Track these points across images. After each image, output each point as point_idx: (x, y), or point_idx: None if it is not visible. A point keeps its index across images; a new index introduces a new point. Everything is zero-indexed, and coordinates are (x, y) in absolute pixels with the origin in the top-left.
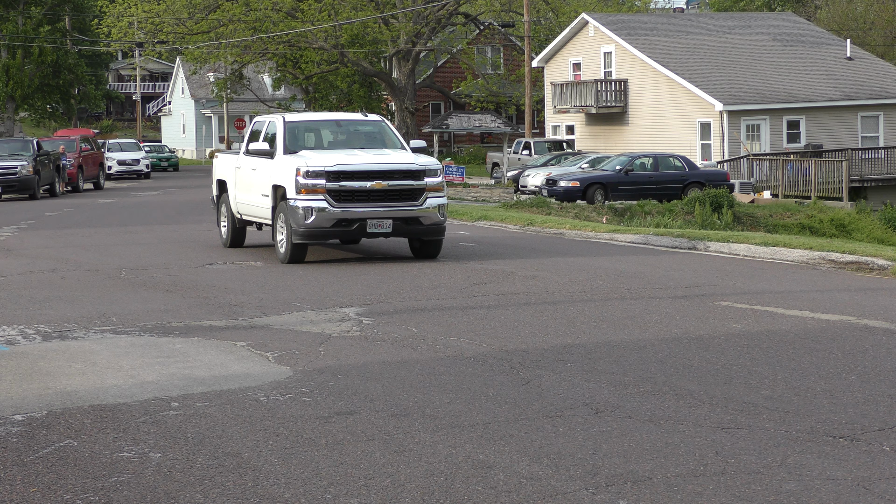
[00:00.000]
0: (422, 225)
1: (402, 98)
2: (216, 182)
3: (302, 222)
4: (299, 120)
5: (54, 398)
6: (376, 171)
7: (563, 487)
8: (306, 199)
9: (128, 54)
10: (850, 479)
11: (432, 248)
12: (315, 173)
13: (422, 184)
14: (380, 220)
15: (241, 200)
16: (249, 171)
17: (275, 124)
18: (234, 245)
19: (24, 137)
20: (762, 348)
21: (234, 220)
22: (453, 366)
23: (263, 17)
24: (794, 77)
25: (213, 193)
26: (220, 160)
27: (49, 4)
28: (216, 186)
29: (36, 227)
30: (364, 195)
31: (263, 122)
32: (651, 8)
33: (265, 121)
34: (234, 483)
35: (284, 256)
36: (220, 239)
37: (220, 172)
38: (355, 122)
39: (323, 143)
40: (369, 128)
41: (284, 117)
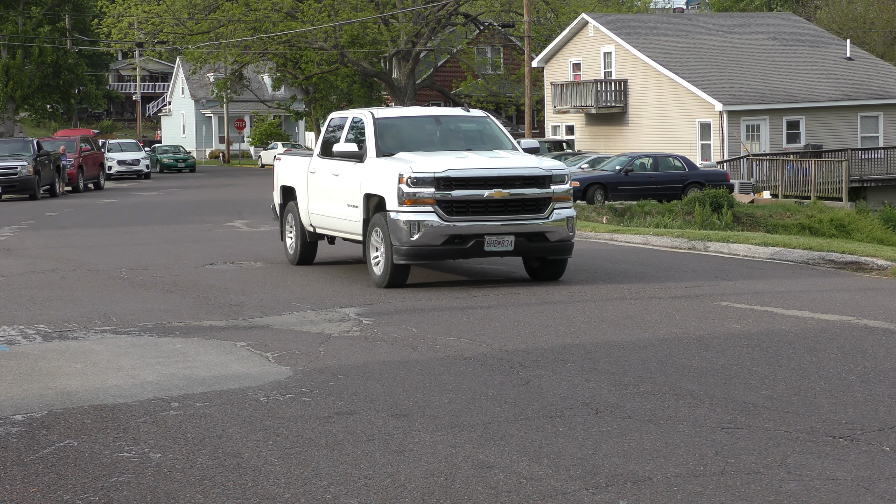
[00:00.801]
0: (548, 241)
1: (402, 98)
2: (280, 189)
3: (406, 239)
4: (392, 116)
5: (54, 398)
6: (495, 178)
7: (563, 487)
8: (411, 211)
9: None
10: (850, 479)
11: (556, 268)
12: (422, 180)
13: (548, 192)
14: (500, 237)
15: (315, 211)
16: (329, 177)
17: (361, 121)
18: (303, 262)
19: (24, 138)
20: (762, 348)
21: (304, 233)
22: (453, 366)
23: (263, 18)
24: (794, 77)
25: (274, 202)
26: (286, 164)
27: (49, 4)
28: (280, 194)
29: (36, 227)
30: (480, 206)
31: (344, 119)
32: (651, 8)
33: (346, 117)
34: (234, 483)
35: (382, 279)
36: (285, 254)
37: (285, 178)
38: (457, 118)
39: (421, 142)
40: (473, 125)
41: (373, 113)
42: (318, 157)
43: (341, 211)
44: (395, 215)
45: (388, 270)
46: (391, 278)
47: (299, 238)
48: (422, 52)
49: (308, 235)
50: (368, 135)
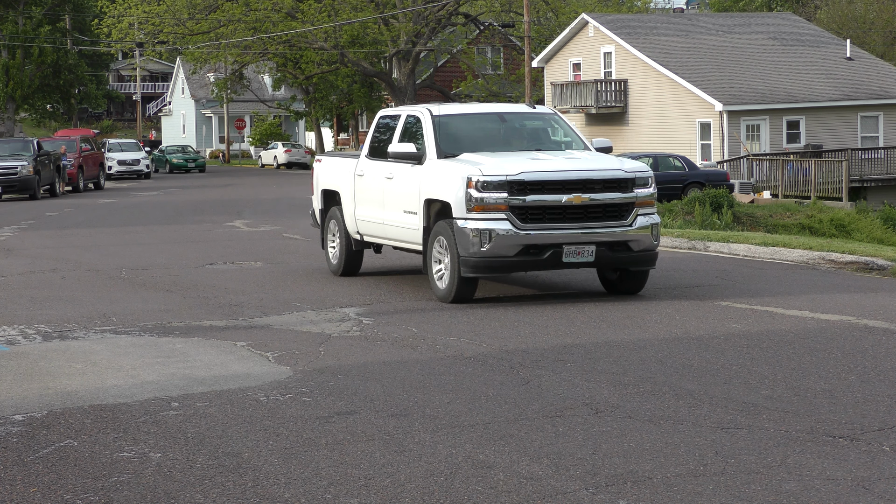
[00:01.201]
0: (631, 252)
1: (403, 98)
2: (320, 193)
3: (475, 249)
4: (452, 113)
5: (54, 398)
6: (574, 181)
7: (563, 487)
8: (481, 218)
9: (128, 54)
10: (850, 479)
11: (637, 281)
12: (493, 184)
13: (631, 196)
14: (579, 247)
15: (364, 217)
16: (380, 181)
17: (417, 120)
18: (347, 273)
19: (24, 137)
20: (762, 348)
21: (349, 241)
22: (453, 366)
23: (263, 18)
24: (794, 77)
25: (313, 207)
26: (328, 165)
27: (49, 4)
28: (320, 198)
29: (36, 227)
30: (558, 213)
31: (396, 118)
32: (651, 8)
33: (398, 115)
34: (234, 483)
35: (446, 293)
36: (327, 265)
37: (327, 181)
38: (522, 115)
39: (484, 142)
40: (539, 122)
41: (431, 110)
42: (367, 158)
43: (396, 217)
44: (462, 223)
45: (455, 284)
46: (458, 293)
47: (344, 247)
48: (422, 52)
49: (354, 244)
50: (427, 134)
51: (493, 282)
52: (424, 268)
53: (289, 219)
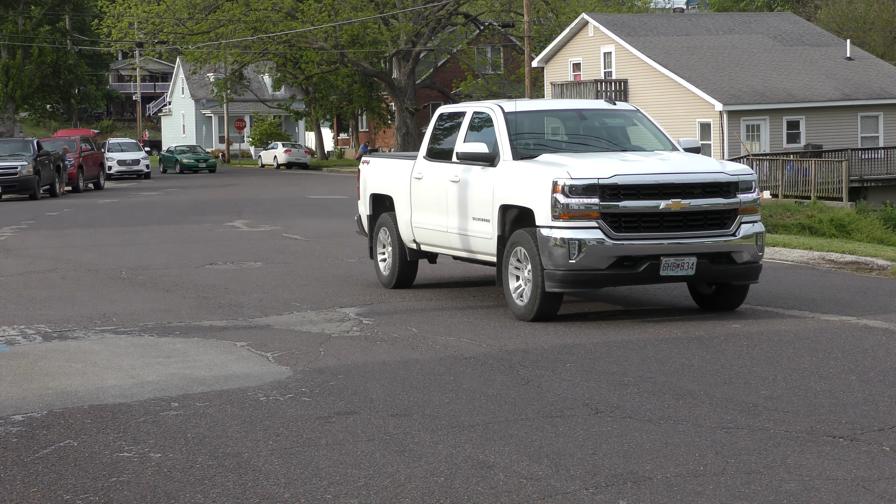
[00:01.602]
0: (734, 264)
1: (402, 98)
2: (369, 198)
3: (562, 262)
4: (526, 110)
5: (54, 398)
6: (673, 185)
7: (563, 487)
8: (568, 226)
9: (128, 54)
10: (850, 479)
11: (736, 296)
12: (584, 188)
13: (734, 202)
14: (679, 258)
15: (422, 224)
16: (443, 184)
17: (487, 117)
18: (400, 285)
19: (24, 137)
20: (762, 348)
21: (404, 250)
22: (453, 366)
23: (263, 18)
24: (794, 77)
25: (360, 213)
26: (377, 167)
27: (49, 4)
28: (369, 204)
29: (36, 227)
30: (655, 220)
31: (459, 115)
32: (651, 8)
33: (462, 112)
34: (234, 483)
35: (527, 310)
36: (377, 275)
37: (377, 184)
38: (602, 112)
39: (564, 142)
40: (620, 121)
41: (502, 106)
42: (425, 159)
43: (463, 225)
44: (546, 232)
45: (537, 299)
46: (540, 309)
47: (397, 256)
48: (422, 52)
49: (409, 253)
50: (499, 133)
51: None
52: (498, 281)
53: (289, 219)
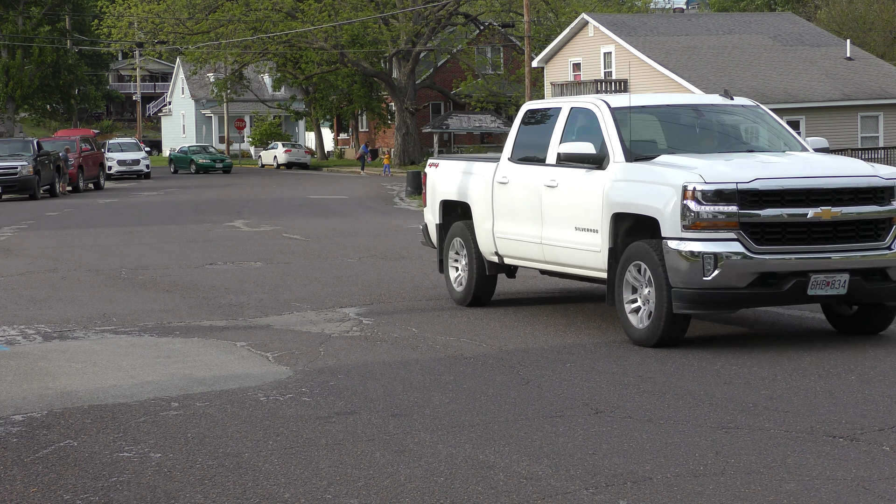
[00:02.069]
0: (889, 282)
1: (402, 98)
2: (439, 205)
3: (694, 279)
4: (636, 105)
5: (54, 398)
6: (823, 190)
7: (563, 487)
8: (701, 238)
9: (128, 54)
10: (850, 479)
11: (885, 317)
12: (720, 194)
13: (890, 210)
14: (830, 275)
15: (507, 234)
16: (536, 189)
17: (590, 113)
18: (477, 302)
19: (24, 137)
20: (762, 348)
21: (483, 263)
22: (453, 366)
23: (263, 18)
24: (794, 77)
25: (426, 221)
26: (448, 170)
27: (49, 4)
28: (438, 211)
29: (36, 227)
30: (801, 231)
31: (553, 111)
32: (651, 8)
33: (556, 108)
34: (234, 483)
35: (647, 333)
36: (448, 291)
37: (449, 189)
38: (720, 108)
39: (681, 141)
40: (739, 117)
41: (608, 102)
42: (511, 161)
43: (562, 236)
44: (675, 244)
45: (662, 322)
46: (665, 332)
47: (474, 270)
48: (422, 52)
49: (488, 267)
50: (607, 131)
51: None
52: (609, 299)
53: (289, 219)
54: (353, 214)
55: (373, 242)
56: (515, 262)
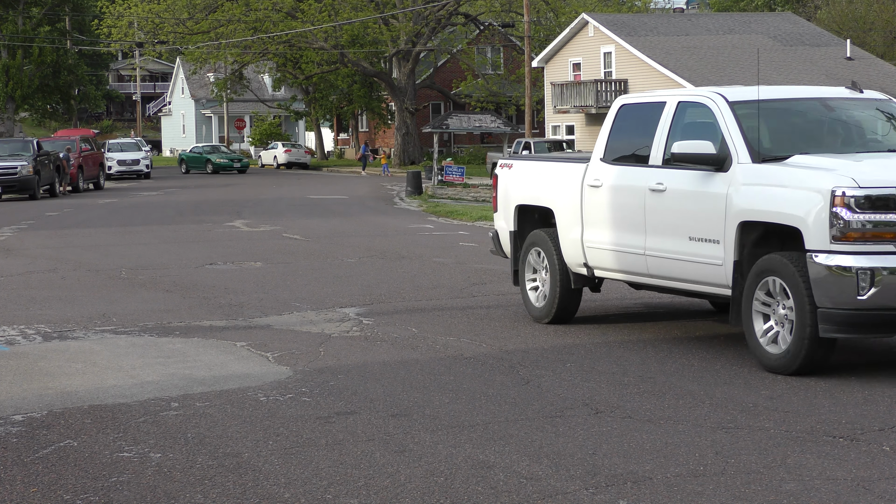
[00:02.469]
0: None
1: (402, 98)
2: (514, 211)
3: (846, 298)
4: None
5: (54, 398)
6: None
7: (563, 487)
8: (854, 250)
9: (128, 54)
10: (850, 479)
11: None
12: (878, 199)
13: None
14: None
15: (601, 244)
16: (638, 193)
17: (705, 107)
18: (560, 319)
19: (24, 137)
20: None
21: (567, 276)
22: (453, 366)
23: (263, 17)
24: (794, 77)
25: (497, 228)
26: (525, 171)
27: (49, 4)
28: (513, 217)
29: (36, 227)
30: None
31: (657, 106)
32: (651, 8)
33: (660, 102)
34: (234, 483)
35: (786, 360)
36: (525, 306)
37: (527, 193)
38: (849, 101)
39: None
40: (870, 112)
41: (724, 95)
42: (605, 162)
43: (673, 246)
44: (822, 258)
45: (804, 347)
46: (807, 358)
47: (558, 283)
48: (422, 52)
49: (574, 279)
50: (727, 128)
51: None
52: (733, 319)
53: (289, 219)
54: (353, 214)
55: (373, 242)
56: (609, 274)
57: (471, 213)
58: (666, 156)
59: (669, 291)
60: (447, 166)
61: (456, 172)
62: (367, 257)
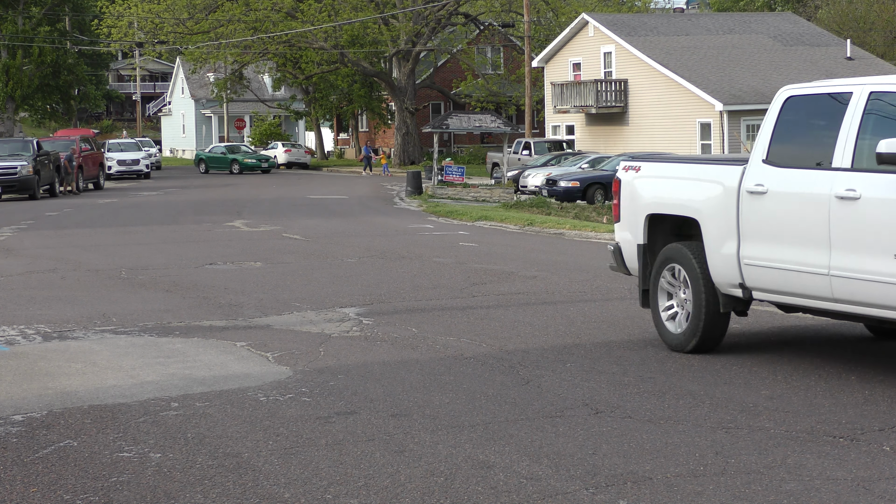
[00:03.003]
0: None
1: (402, 98)
2: (644, 221)
3: None
4: None
5: (54, 398)
6: None
7: (563, 487)
8: None
9: (128, 54)
10: (850, 479)
11: None
12: None
13: None
14: None
15: (766, 261)
16: (821, 201)
17: None
18: (703, 346)
19: (24, 137)
20: (762, 348)
21: (714, 298)
22: (453, 366)
23: (263, 17)
24: (795, 77)
25: (618, 240)
26: (658, 174)
27: (49, 4)
28: (643, 229)
29: (36, 227)
30: None
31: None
32: (651, 8)
33: (846, 91)
34: (234, 483)
35: None
36: (658, 331)
37: (661, 199)
38: None
39: None
40: None
41: None
42: (769, 164)
43: (871, 265)
44: None
45: None
46: None
47: (703, 305)
48: (422, 52)
49: (723, 302)
50: None
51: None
52: None
53: (289, 219)
54: (353, 214)
55: (373, 242)
56: (773, 297)
57: (471, 213)
58: (857, 157)
59: (859, 319)
60: (447, 166)
61: (456, 172)
62: (367, 257)
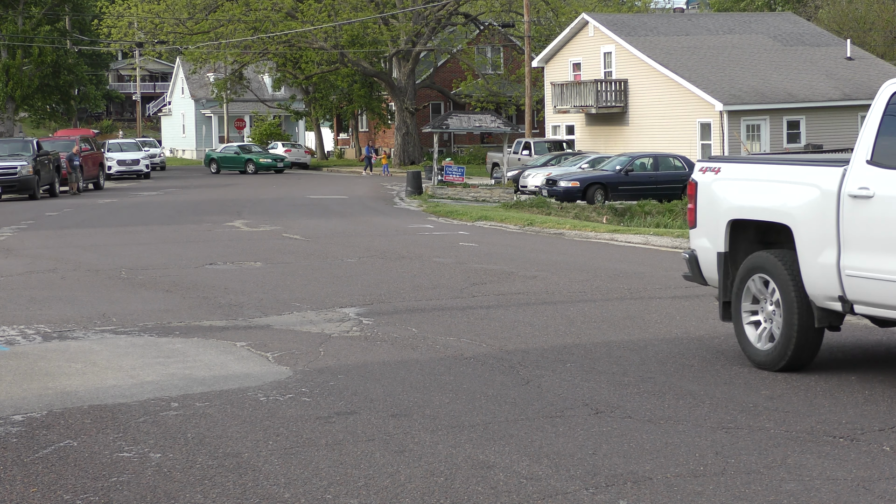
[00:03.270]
0: None
1: (402, 98)
2: (725, 226)
3: None
4: None
5: (54, 398)
6: None
7: (563, 487)
8: None
9: (128, 54)
10: (850, 479)
11: None
12: None
13: None
14: None
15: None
16: None
17: None
18: (795, 364)
19: (23, 137)
20: None
21: (808, 312)
22: (453, 366)
23: (263, 18)
24: (794, 77)
25: (694, 247)
26: (742, 175)
27: (49, 4)
28: (724, 235)
29: (36, 227)
30: None
31: None
32: (651, 8)
33: None
34: (234, 483)
35: None
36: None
37: (747, 203)
38: None
39: None
40: None
41: None
42: (876, 166)
43: None
44: None
45: None
46: None
47: (795, 319)
48: (422, 52)
49: (819, 316)
50: None
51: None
52: None
53: (289, 219)
54: (353, 214)
55: (373, 242)
56: (881, 311)
57: (471, 213)
58: None
59: None
60: (447, 166)
61: (456, 172)
62: (367, 257)
